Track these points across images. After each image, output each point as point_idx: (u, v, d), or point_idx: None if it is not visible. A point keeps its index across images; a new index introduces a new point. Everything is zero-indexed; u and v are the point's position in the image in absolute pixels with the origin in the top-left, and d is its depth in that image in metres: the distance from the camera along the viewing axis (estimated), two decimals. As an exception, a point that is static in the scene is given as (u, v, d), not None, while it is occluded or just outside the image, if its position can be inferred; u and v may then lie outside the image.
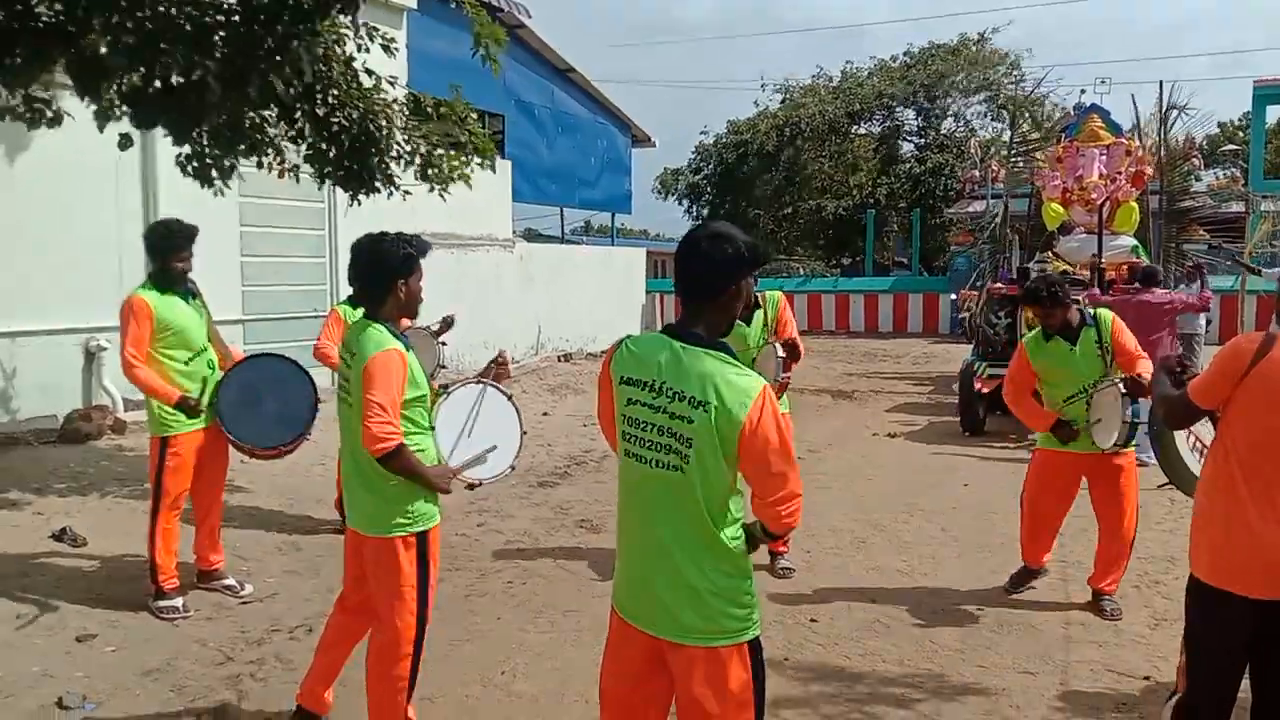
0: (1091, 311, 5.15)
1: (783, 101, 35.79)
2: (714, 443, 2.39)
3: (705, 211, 38.09)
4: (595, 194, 21.41)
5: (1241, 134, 30.72)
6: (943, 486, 8.14)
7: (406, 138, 6.98)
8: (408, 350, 3.40)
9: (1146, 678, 4.33)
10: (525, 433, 4.15)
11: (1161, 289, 9.51)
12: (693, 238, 2.53)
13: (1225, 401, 2.93)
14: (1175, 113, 16.12)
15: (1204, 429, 3.47)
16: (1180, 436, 3.71)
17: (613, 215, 23.88)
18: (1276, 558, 2.81)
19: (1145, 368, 4.84)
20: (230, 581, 5.32)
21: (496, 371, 4.65)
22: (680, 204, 39.35)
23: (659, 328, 2.67)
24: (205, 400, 5.00)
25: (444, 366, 6.28)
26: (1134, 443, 5.03)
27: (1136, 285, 9.44)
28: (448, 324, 6.33)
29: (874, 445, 10.22)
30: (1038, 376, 5.19)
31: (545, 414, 11.73)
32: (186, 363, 5.00)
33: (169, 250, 4.92)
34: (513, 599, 5.37)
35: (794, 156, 34.31)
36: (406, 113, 7.16)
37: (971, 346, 12.28)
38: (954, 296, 23.22)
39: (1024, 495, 5.37)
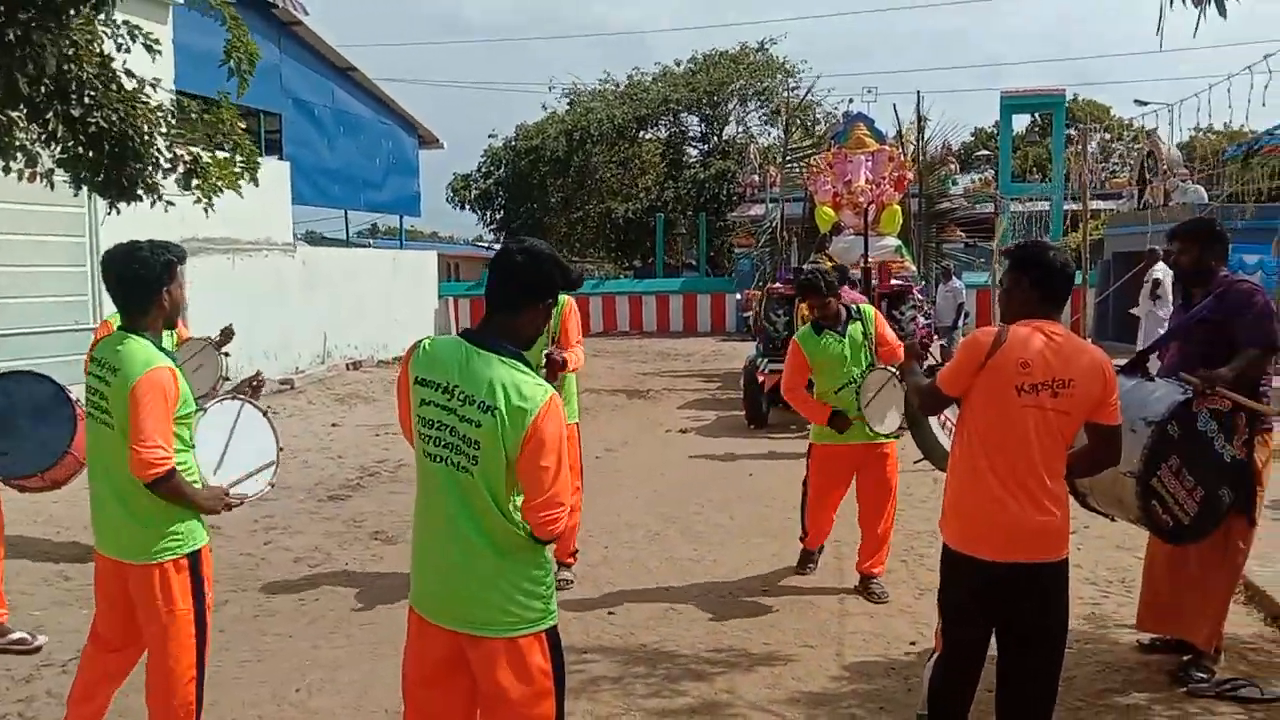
0: (855, 306, 5.56)
1: (570, 105, 36.16)
2: (499, 446, 2.46)
3: (499, 217, 37.94)
4: (382, 196, 20.89)
5: (993, 141, 33.51)
6: (730, 478, 8.52)
7: (168, 144, 6.58)
8: (175, 363, 3.26)
9: (913, 643, 4.72)
10: (282, 449, 4.08)
11: (851, 288, 10.06)
12: (509, 250, 2.64)
13: (968, 389, 3.26)
14: (926, 122, 17.49)
15: (953, 411, 3.84)
16: (933, 419, 4.09)
17: (401, 218, 23.37)
18: (1012, 524, 3.14)
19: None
20: (20, 635, 4.75)
21: (252, 388, 4.56)
22: (474, 212, 39.06)
23: (454, 332, 2.73)
24: None
25: (228, 379, 6.01)
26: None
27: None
28: (227, 335, 6.06)
29: (667, 441, 10.56)
30: (812, 369, 5.51)
31: (334, 425, 11.40)
32: None
33: None
34: (305, 615, 5.22)
35: (584, 161, 34.73)
36: (173, 120, 6.76)
37: (755, 344, 12.88)
38: (739, 296, 24.22)
39: (808, 487, 5.67)
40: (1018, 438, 3.14)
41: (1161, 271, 12.27)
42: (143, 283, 3.25)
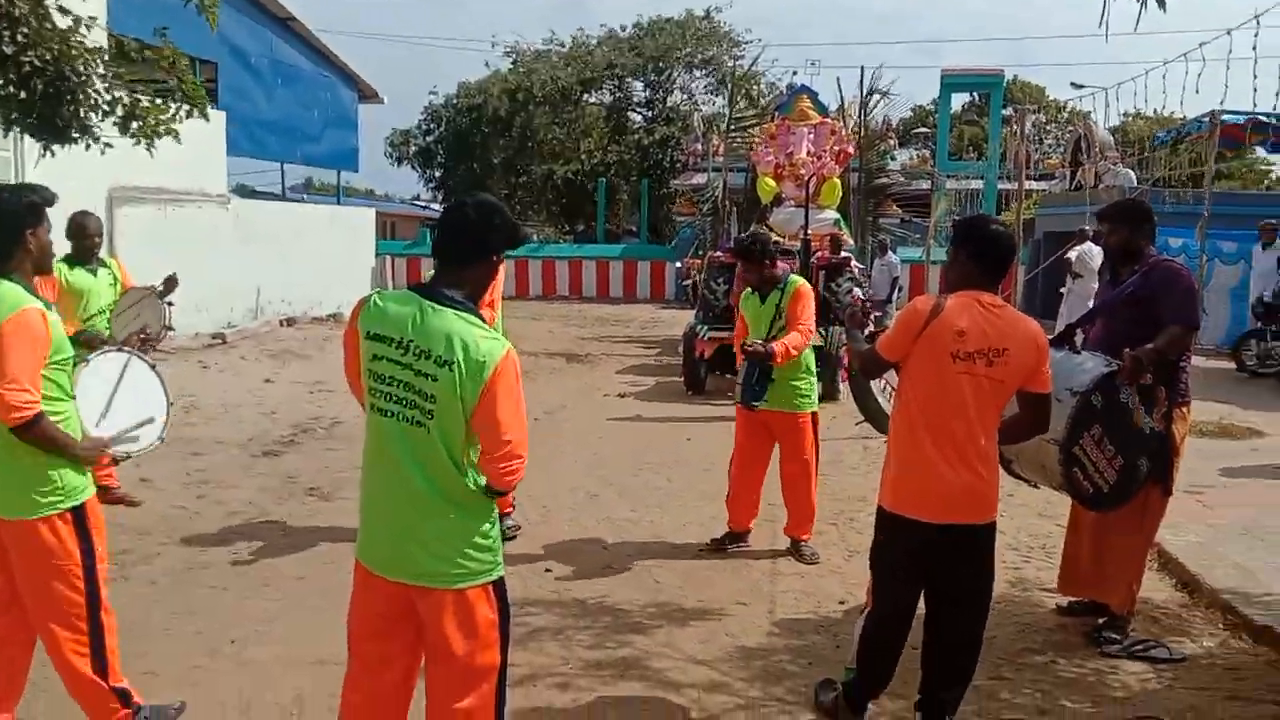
0: (786, 277, 5.58)
1: (513, 64, 35.72)
2: (456, 400, 2.48)
3: (439, 175, 37.43)
4: (319, 150, 20.49)
5: (932, 118, 33.86)
6: (668, 442, 8.61)
7: (107, 85, 6.40)
8: (48, 308, 3.17)
9: (842, 602, 4.86)
10: (173, 404, 4.02)
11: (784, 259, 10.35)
12: (461, 204, 2.65)
13: (907, 355, 3.35)
14: (876, 97, 17.68)
15: (895, 375, 3.95)
16: (874, 383, 4.20)
17: (338, 173, 22.95)
18: (946, 486, 3.26)
19: (793, 339, 5.27)
20: None
21: (141, 341, 4.44)
22: (413, 169, 38.46)
23: (390, 290, 2.72)
24: None
25: (171, 329, 5.92)
26: (760, 400, 5.42)
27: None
28: (171, 284, 5.94)
29: (606, 405, 10.61)
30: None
31: (268, 380, 11.22)
32: None
33: None
34: (238, 569, 5.19)
35: (527, 122, 34.38)
36: (107, 58, 6.56)
37: (695, 311, 12.95)
38: (679, 264, 24.32)
39: (733, 451, 5.76)
40: (954, 403, 3.26)
41: (1075, 251, 12.67)
42: (6, 224, 3.13)
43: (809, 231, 11.44)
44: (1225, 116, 14.27)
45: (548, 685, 3.90)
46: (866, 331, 3.92)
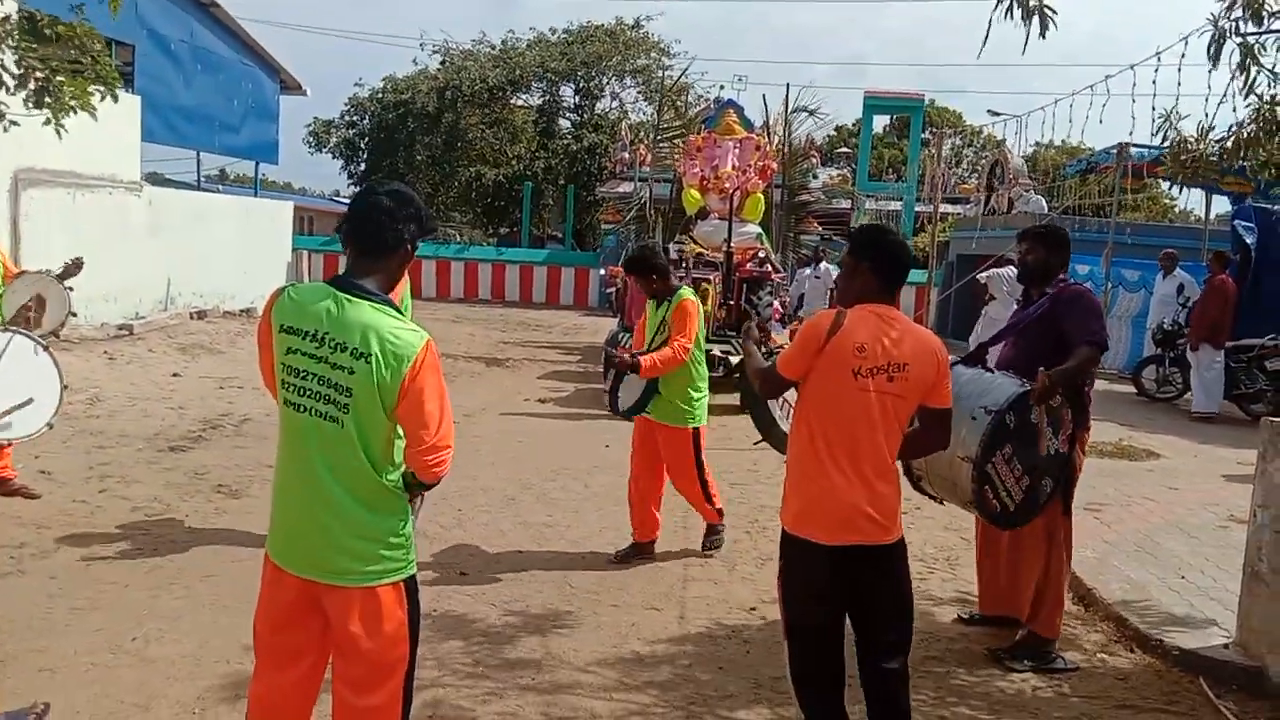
0: (677, 291, 5.54)
1: (442, 63, 35.40)
2: (374, 393, 2.46)
3: (363, 169, 36.83)
4: (238, 140, 19.98)
5: (854, 138, 34.51)
6: (586, 448, 8.62)
7: (19, 58, 6.18)
8: None
9: (753, 609, 4.93)
10: (66, 386, 3.88)
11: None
12: (373, 192, 2.60)
13: (807, 372, 3.23)
14: (805, 115, 18.01)
15: (794, 393, 3.94)
16: (773, 402, 4.20)
17: (256, 164, 22.41)
18: (848, 507, 3.12)
19: (663, 353, 5.24)
20: None
21: (28, 318, 4.27)
22: (334, 158, 37.70)
23: (304, 283, 2.68)
24: None
25: (74, 314, 5.71)
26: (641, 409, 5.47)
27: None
28: (75, 267, 5.73)
29: (525, 410, 10.58)
30: None
31: (176, 374, 10.92)
32: None
33: None
34: (143, 565, 5.04)
35: (454, 121, 34.08)
36: (18, 33, 6.33)
37: (617, 319, 13.01)
38: (603, 271, 24.37)
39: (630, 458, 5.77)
40: (855, 421, 3.13)
41: (986, 274, 13.08)
42: None
43: (732, 245, 11.60)
44: (1132, 150, 14.88)
45: (456, 689, 3.88)
46: (763, 349, 3.84)
